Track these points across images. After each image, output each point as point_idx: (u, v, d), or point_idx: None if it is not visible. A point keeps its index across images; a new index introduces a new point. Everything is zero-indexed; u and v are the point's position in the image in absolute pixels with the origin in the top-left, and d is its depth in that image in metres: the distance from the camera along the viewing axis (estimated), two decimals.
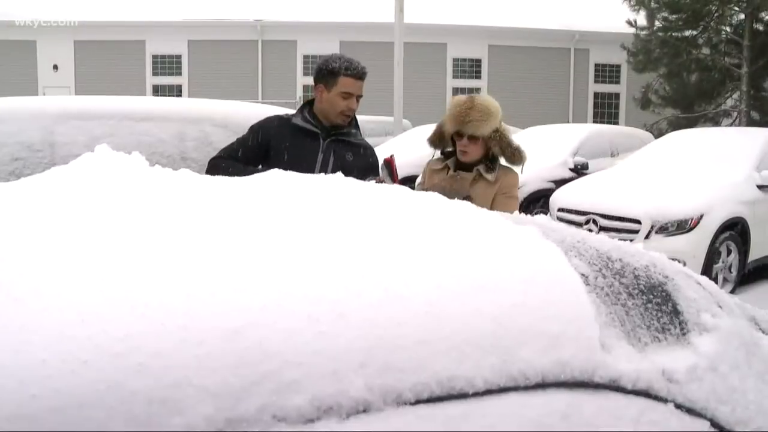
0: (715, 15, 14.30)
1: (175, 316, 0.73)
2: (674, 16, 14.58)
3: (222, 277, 0.80)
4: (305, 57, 21.97)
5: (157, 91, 21.57)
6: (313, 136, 2.86)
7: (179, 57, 21.61)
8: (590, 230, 4.66)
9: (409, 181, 10.22)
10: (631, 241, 5.89)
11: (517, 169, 3.15)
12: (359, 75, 2.88)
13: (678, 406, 0.98)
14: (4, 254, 0.82)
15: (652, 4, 14.64)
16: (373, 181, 2.12)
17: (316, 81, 2.91)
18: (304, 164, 2.63)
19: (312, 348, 0.75)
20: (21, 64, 21.12)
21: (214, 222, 0.92)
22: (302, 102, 3.23)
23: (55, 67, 21.69)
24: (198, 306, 0.75)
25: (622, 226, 6.40)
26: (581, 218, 6.73)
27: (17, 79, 20.11)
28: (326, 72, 2.87)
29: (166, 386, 0.68)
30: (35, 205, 1.01)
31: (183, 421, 0.67)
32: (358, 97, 2.90)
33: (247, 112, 3.01)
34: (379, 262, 0.89)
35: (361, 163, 2.87)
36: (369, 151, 2.98)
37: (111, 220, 0.91)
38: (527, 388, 0.86)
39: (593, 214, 6.69)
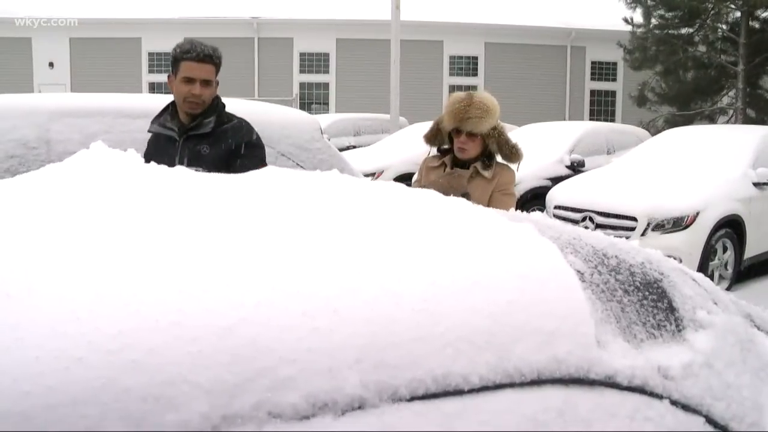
0: (712, 12, 14.32)
1: (168, 313, 0.73)
2: (671, 14, 14.60)
3: (216, 274, 0.79)
4: (302, 54, 21.95)
5: (153, 88, 21.52)
6: (170, 140, 2.66)
7: None
8: (586, 227, 4.66)
9: (407, 179, 10.23)
10: (627, 238, 5.89)
11: (513, 166, 3.15)
12: (200, 57, 2.62)
13: (673, 403, 0.98)
14: None
15: (649, 1, 14.67)
16: None
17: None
18: None
19: (306, 345, 0.75)
20: (16, 61, 21.06)
21: (207, 219, 0.92)
22: (297, 98, 3.13)
23: (51, 64, 21.63)
24: (192, 303, 0.74)
25: (619, 223, 6.40)
26: (577, 215, 6.74)
27: (12, 77, 20.06)
28: (172, 60, 2.69)
29: (160, 383, 0.68)
30: (30, 203, 1.01)
31: (178, 418, 0.67)
32: (205, 81, 2.63)
33: (243, 110, 2.99)
34: (374, 258, 0.89)
35: (220, 150, 2.60)
36: (232, 131, 2.68)
37: (105, 218, 0.91)
38: (523, 384, 0.86)
39: (589, 211, 6.69)
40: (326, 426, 0.72)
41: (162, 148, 2.64)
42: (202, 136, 2.65)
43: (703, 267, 6.13)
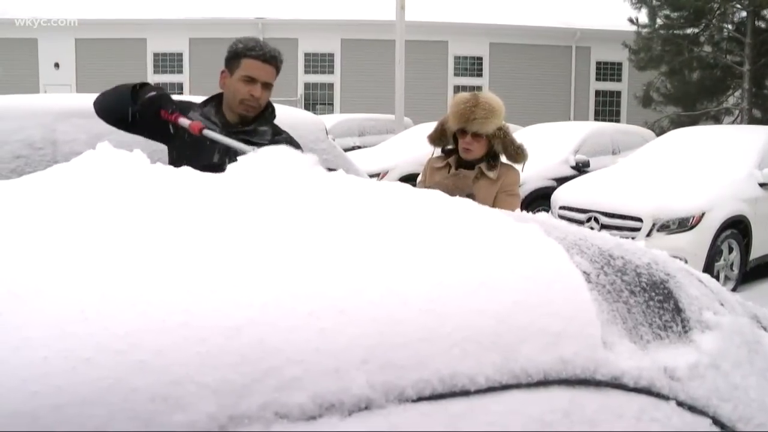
0: (717, 12, 14.29)
1: (176, 314, 0.73)
2: (676, 14, 14.58)
3: (222, 274, 0.79)
4: (306, 55, 21.97)
5: None
6: None
7: (180, 55, 21.63)
8: (591, 228, 4.66)
9: (411, 179, 10.23)
10: (633, 239, 5.88)
11: (518, 167, 3.15)
12: (265, 58, 2.46)
13: (680, 404, 0.98)
14: (5, 251, 0.82)
15: (654, 1, 14.64)
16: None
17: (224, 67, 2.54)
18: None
19: (313, 345, 0.75)
20: (22, 62, 21.13)
21: (214, 220, 0.92)
22: (302, 98, 3.04)
23: (56, 65, 21.70)
24: (199, 303, 0.75)
25: (624, 224, 6.40)
26: (582, 216, 6.73)
27: (18, 77, 20.12)
28: (231, 55, 2.50)
29: (167, 383, 0.68)
30: (37, 203, 1.01)
31: (185, 418, 0.67)
32: (265, 84, 2.48)
33: None
34: (380, 259, 0.89)
35: None
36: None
37: (112, 218, 0.91)
38: (529, 385, 0.86)
39: (594, 212, 6.69)
40: (333, 426, 0.72)
41: (199, 141, 2.40)
42: (252, 144, 2.37)
43: (708, 268, 6.11)
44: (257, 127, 2.52)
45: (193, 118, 2.45)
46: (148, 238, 0.86)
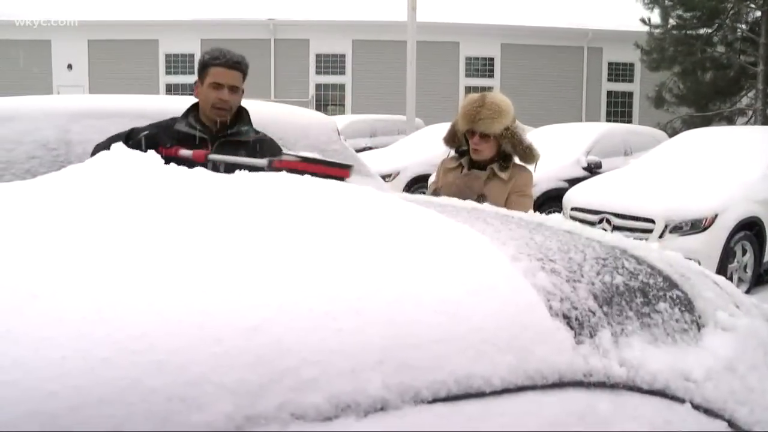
0: (731, 12, 14.21)
1: (192, 314, 0.73)
2: (689, 14, 14.51)
3: (239, 275, 0.80)
4: (318, 56, 22.02)
5: (170, 89, 21.68)
6: (201, 141, 2.63)
7: (192, 56, 21.71)
8: (604, 230, 4.64)
9: (422, 180, 10.23)
10: (645, 240, 5.86)
11: (530, 167, 3.15)
12: (229, 64, 2.66)
13: (695, 407, 0.98)
14: (22, 252, 0.83)
15: (667, 2, 14.57)
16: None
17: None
18: None
19: (330, 346, 0.75)
20: (36, 63, 21.30)
21: (230, 220, 0.92)
22: (313, 99, 3.13)
23: (69, 66, 21.86)
24: (215, 304, 0.75)
25: (636, 225, 6.37)
26: (594, 217, 6.70)
27: (32, 79, 20.28)
28: (200, 66, 2.71)
29: (184, 384, 0.68)
30: (52, 203, 1.02)
31: (202, 418, 0.67)
32: (232, 87, 2.66)
33: (260, 111, 3.00)
34: (395, 260, 0.89)
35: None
36: (266, 144, 2.74)
37: (128, 219, 0.92)
38: (544, 387, 0.86)
39: (606, 213, 6.66)
40: (349, 427, 0.72)
41: (188, 149, 2.57)
42: (239, 143, 2.67)
43: (721, 270, 6.08)
44: (240, 128, 2.71)
45: (182, 129, 2.65)
46: (164, 238, 0.86)
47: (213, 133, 2.66)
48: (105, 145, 2.60)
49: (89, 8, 20.91)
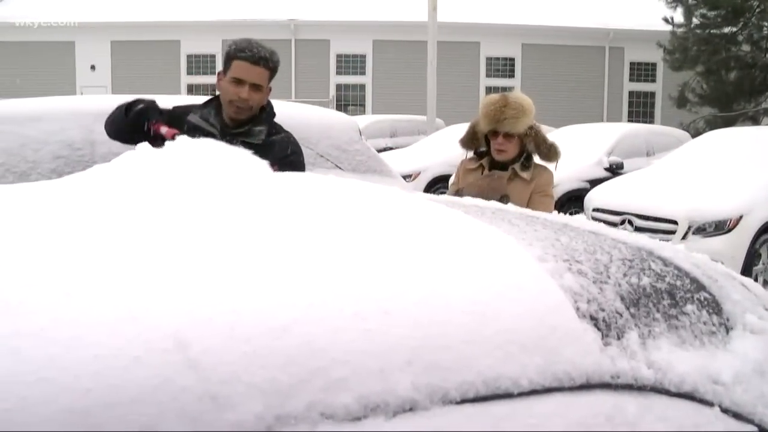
0: (757, 11, 14.02)
1: (223, 314, 0.74)
2: (713, 13, 14.35)
3: (268, 275, 0.80)
4: (338, 56, 22.06)
5: (192, 90, 21.82)
6: (209, 136, 2.30)
7: (213, 56, 21.82)
8: (626, 231, 4.60)
9: (443, 180, 10.21)
10: (668, 241, 5.81)
11: (551, 166, 3.14)
12: (254, 59, 2.44)
13: (724, 410, 0.97)
14: (54, 250, 0.84)
15: (690, 0, 14.41)
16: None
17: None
18: None
19: (359, 346, 0.75)
20: (60, 64, 21.54)
21: (261, 221, 0.93)
22: (333, 99, 3.01)
23: (93, 67, 22.07)
24: (245, 303, 0.75)
25: (659, 226, 6.30)
26: (616, 218, 6.65)
27: (56, 79, 20.50)
28: (225, 56, 2.50)
29: (215, 383, 0.69)
30: (81, 202, 1.03)
31: (233, 417, 0.68)
32: (255, 85, 2.45)
33: (284, 112, 3.01)
34: (423, 261, 0.89)
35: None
36: (280, 146, 2.50)
37: (159, 219, 0.92)
38: (572, 389, 0.85)
39: (629, 214, 6.60)
40: (378, 427, 0.72)
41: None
42: (246, 145, 2.41)
43: (746, 272, 6.00)
44: (252, 127, 2.51)
45: (192, 119, 2.48)
46: (194, 237, 0.87)
47: (221, 129, 2.47)
48: (111, 114, 2.57)
49: (112, 10, 21.12)
